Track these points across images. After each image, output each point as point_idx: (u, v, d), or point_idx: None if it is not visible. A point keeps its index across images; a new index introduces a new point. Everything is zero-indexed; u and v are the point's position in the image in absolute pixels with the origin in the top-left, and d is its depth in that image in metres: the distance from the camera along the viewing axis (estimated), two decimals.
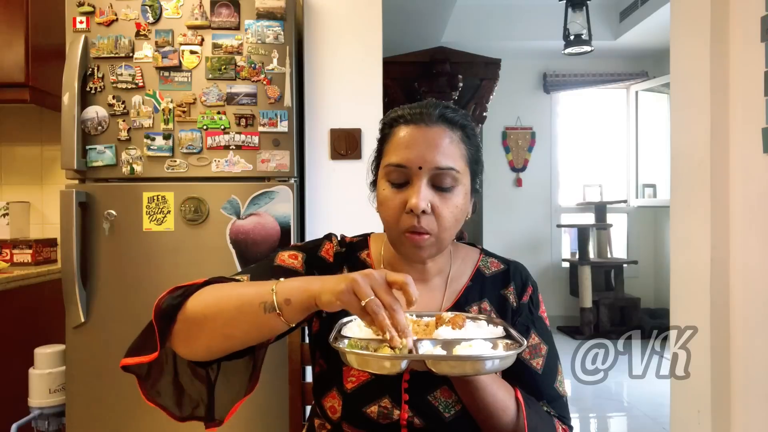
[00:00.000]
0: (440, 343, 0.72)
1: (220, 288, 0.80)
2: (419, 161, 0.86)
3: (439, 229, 0.86)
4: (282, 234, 1.84)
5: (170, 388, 0.84)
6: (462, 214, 0.90)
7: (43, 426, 1.80)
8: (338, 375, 0.90)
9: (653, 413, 3.10)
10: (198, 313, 0.77)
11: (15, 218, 2.37)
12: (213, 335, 0.76)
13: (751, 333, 1.68)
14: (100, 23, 1.83)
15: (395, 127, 0.91)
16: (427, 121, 0.88)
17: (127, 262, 1.83)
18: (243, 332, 0.76)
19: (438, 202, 0.86)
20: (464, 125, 0.91)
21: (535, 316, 0.97)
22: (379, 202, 0.91)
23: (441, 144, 0.86)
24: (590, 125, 5.58)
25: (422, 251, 0.88)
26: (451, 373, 0.69)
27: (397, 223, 0.87)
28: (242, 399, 0.87)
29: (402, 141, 0.88)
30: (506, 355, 0.69)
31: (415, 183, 0.86)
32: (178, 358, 0.82)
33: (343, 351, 0.69)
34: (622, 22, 4.75)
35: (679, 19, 1.92)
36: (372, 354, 0.69)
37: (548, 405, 0.92)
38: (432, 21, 4.12)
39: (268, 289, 0.73)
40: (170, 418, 0.86)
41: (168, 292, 0.80)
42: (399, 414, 0.87)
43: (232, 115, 1.85)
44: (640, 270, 5.31)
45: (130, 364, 0.80)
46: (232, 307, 0.75)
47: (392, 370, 0.68)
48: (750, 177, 1.69)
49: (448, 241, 0.90)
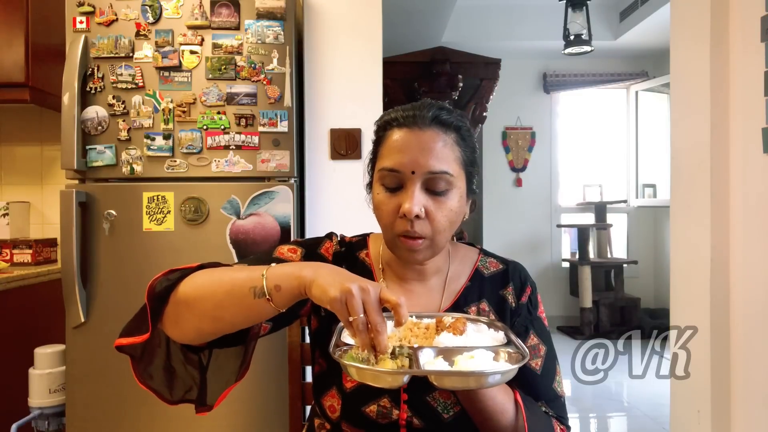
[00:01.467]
0: (442, 353, 0.72)
1: (212, 272, 0.80)
2: (412, 166, 0.85)
3: (433, 233, 0.86)
4: (282, 234, 1.84)
5: (162, 372, 0.84)
6: (457, 217, 0.90)
7: (43, 426, 1.80)
8: (337, 374, 0.90)
9: (653, 413, 3.10)
10: (189, 295, 0.78)
11: (15, 218, 2.37)
12: (202, 317, 0.77)
13: (751, 333, 1.68)
14: (100, 23, 1.83)
15: (389, 130, 0.90)
16: (420, 125, 0.87)
17: (127, 262, 1.83)
18: (231, 315, 0.76)
19: (432, 206, 0.86)
20: (458, 127, 0.90)
21: (534, 316, 0.97)
22: (375, 205, 0.91)
23: (434, 148, 0.86)
24: (590, 125, 5.58)
25: (417, 254, 0.88)
26: (453, 387, 0.70)
27: (391, 227, 0.87)
28: (232, 385, 0.87)
29: (395, 145, 0.88)
30: (509, 370, 0.69)
31: (409, 188, 0.85)
32: (171, 342, 0.82)
33: (344, 364, 0.69)
34: (622, 22, 4.75)
35: (679, 19, 1.92)
36: (374, 369, 0.68)
37: (546, 405, 0.92)
38: (432, 21, 4.12)
39: (258, 274, 0.73)
40: (162, 402, 0.86)
41: (163, 274, 0.81)
42: (398, 414, 0.87)
43: (232, 115, 1.85)
44: (640, 270, 5.31)
45: (123, 344, 0.81)
46: (222, 290, 0.75)
47: (394, 384, 0.68)
48: (750, 177, 1.69)
49: (443, 244, 0.90)
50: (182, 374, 0.85)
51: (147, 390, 0.85)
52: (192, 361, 0.84)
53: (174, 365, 0.84)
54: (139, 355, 0.83)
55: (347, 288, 0.67)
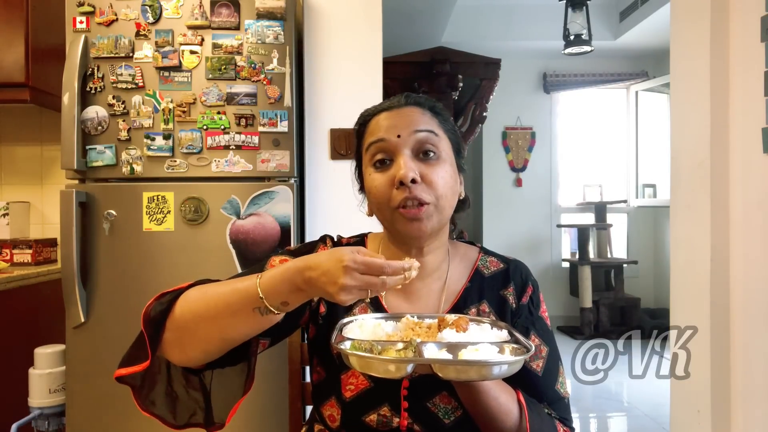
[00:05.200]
0: (445, 346, 0.71)
1: (205, 289, 0.79)
2: (397, 130, 0.86)
3: (435, 196, 0.85)
4: (282, 234, 1.84)
5: (164, 397, 0.83)
6: (454, 185, 0.89)
7: (43, 426, 1.79)
8: (336, 384, 0.89)
9: (653, 413, 3.10)
10: (186, 315, 0.77)
11: (15, 218, 2.37)
12: (205, 335, 0.76)
13: (751, 333, 1.68)
14: (100, 23, 1.83)
15: (369, 120, 0.92)
16: (397, 106, 0.90)
17: (127, 262, 1.83)
18: (234, 327, 0.75)
19: (426, 170, 0.85)
20: (433, 105, 0.92)
21: (535, 316, 0.95)
22: (368, 190, 0.90)
23: (414, 116, 0.88)
24: (590, 125, 5.58)
25: (421, 223, 0.85)
26: (457, 378, 0.68)
27: (388, 202, 0.85)
28: (240, 399, 0.86)
29: (377, 125, 0.89)
30: (514, 360, 0.68)
31: (399, 156, 0.86)
32: (172, 366, 0.82)
33: (346, 353, 0.68)
34: (622, 22, 4.75)
35: (679, 19, 1.92)
36: (376, 357, 0.67)
37: (549, 407, 0.91)
38: (432, 21, 4.12)
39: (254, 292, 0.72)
40: (168, 427, 0.85)
41: (155, 299, 0.80)
42: (398, 421, 0.86)
43: (232, 115, 1.85)
44: (640, 270, 5.31)
45: (123, 375, 0.80)
46: (221, 307, 0.75)
47: (397, 374, 0.66)
48: (750, 177, 1.68)
49: (448, 212, 0.89)
50: (185, 398, 0.84)
51: (151, 417, 0.84)
52: (194, 384, 0.84)
53: (176, 390, 0.83)
54: (139, 383, 0.82)
55: (342, 283, 0.67)
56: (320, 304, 0.94)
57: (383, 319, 0.83)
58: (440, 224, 0.89)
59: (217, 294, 0.77)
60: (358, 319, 0.82)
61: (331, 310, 0.93)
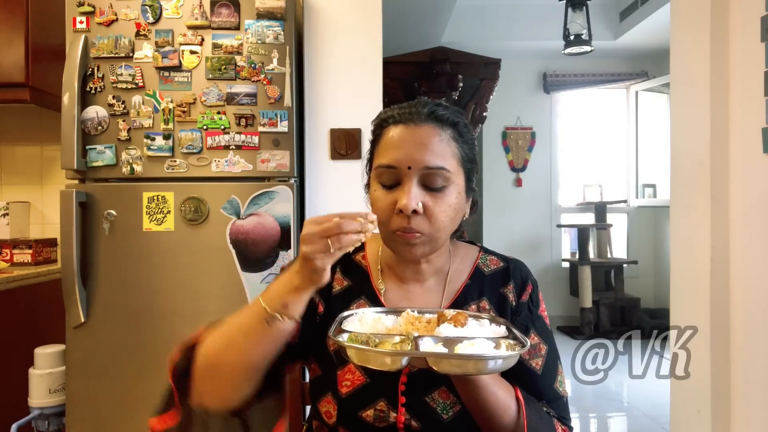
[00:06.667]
0: (442, 341, 0.71)
1: (218, 326, 0.82)
2: (408, 161, 0.85)
3: (432, 229, 0.86)
4: (282, 234, 1.84)
5: None
6: (457, 214, 0.90)
7: (43, 426, 1.80)
8: (332, 380, 0.90)
9: (653, 413, 3.10)
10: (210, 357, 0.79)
11: (15, 218, 2.37)
12: (232, 370, 0.78)
13: (751, 333, 1.68)
14: (100, 23, 1.83)
15: (385, 128, 0.90)
16: (417, 120, 0.87)
17: (127, 262, 1.83)
18: (256, 353, 0.78)
19: (430, 202, 0.85)
20: (455, 122, 0.90)
21: (535, 315, 0.96)
22: (371, 203, 0.91)
23: (430, 143, 0.86)
24: (590, 125, 5.58)
25: (414, 249, 0.87)
26: (452, 371, 0.69)
27: (388, 224, 0.87)
28: (279, 420, 0.90)
29: (391, 142, 0.88)
30: (509, 355, 0.68)
31: (406, 183, 0.85)
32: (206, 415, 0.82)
33: (343, 345, 0.69)
34: (622, 22, 4.75)
35: (679, 19, 1.92)
36: (372, 349, 0.68)
37: (548, 405, 0.91)
38: (432, 21, 4.12)
39: (259, 305, 0.76)
40: None
41: (179, 351, 0.82)
42: (396, 417, 0.86)
43: (232, 115, 1.85)
44: (640, 270, 5.31)
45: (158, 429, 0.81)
46: (235, 332, 0.78)
47: (393, 367, 0.68)
48: (750, 177, 1.69)
49: (442, 241, 0.90)
50: None
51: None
52: (234, 426, 0.84)
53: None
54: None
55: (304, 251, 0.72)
56: (319, 303, 0.94)
57: (383, 313, 0.84)
58: (434, 250, 0.91)
59: (229, 324, 0.80)
60: (358, 313, 0.82)
61: (329, 309, 0.94)
